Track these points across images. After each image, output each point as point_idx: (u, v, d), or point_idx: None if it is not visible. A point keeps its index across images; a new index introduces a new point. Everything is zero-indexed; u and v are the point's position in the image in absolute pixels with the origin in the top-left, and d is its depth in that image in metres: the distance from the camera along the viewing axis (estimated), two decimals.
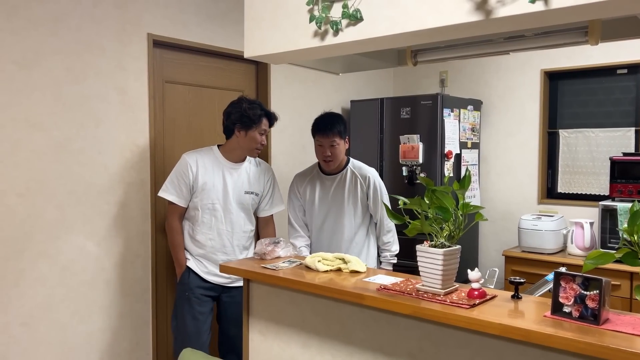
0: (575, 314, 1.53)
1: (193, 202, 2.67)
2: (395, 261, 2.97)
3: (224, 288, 2.77)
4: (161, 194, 2.68)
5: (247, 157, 2.80)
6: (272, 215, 2.94)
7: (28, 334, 2.52)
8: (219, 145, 2.77)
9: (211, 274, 2.71)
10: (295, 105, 3.86)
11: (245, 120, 2.65)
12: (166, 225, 2.75)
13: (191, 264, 2.70)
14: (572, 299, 1.54)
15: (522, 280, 1.77)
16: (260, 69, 3.63)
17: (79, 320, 2.70)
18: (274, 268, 2.23)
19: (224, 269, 2.39)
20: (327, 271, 2.18)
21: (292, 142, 3.85)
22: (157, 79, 3.03)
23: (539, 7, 1.50)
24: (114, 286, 2.83)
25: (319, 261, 2.22)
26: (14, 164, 2.45)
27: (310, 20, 1.95)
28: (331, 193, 2.86)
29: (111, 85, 2.78)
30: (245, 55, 2.28)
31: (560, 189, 3.99)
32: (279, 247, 2.38)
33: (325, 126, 2.75)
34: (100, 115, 2.74)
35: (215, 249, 2.71)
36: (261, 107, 2.72)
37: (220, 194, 2.68)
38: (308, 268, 2.23)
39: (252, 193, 2.79)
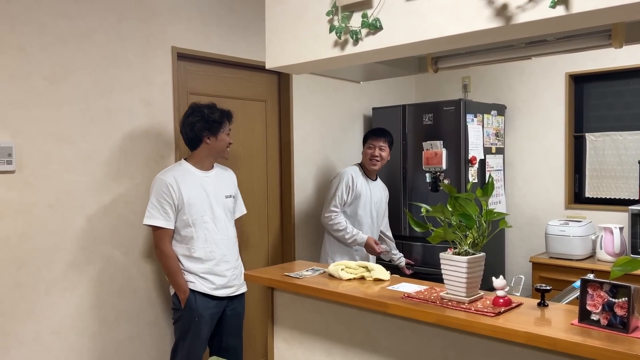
0: (604, 322, 1.51)
1: (183, 221, 2.56)
2: None
3: (228, 300, 2.71)
4: (147, 221, 2.53)
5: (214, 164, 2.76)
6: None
7: (59, 343, 2.57)
8: (185, 159, 2.71)
9: (219, 287, 2.64)
10: (317, 113, 3.88)
11: (212, 126, 2.62)
12: (158, 254, 2.60)
13: (196, 285, 2.59)
14: (600, 307, 1.51)
15: (548, 288, 1.74)
16: (282, 78, 3.67)
17: (108, 328, 2.75)
18: (297, 276, 2.24)
19: (248, 277, 2.42)
20: (350, 279, 2.18)
21: (314, 151, 3.86)
22: (181, 91, 3.09)
23: (559, 12, 1.49)
24: (141, 295, 2.88)
25: (342, 269, 2.22)
26: (44, 176, 2.52)
27: (330, 31, 1.97)
28: (377, 198, 3.45)
29: (137, 98, 2.84)
30: (267, 66, 2.31)
31: (588, 193, 3.92)
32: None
33: (379, 131, 3.45)
34: (126, 127, 2.80)
35: (218, 259, 2.64)
36: (218, 108, 2.68)
37: (206, 204, 2.62)
38: (331, 276, 2.23)
39: (230, 196, 2.77)
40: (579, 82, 3.96)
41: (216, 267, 2.64)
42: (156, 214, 2.53)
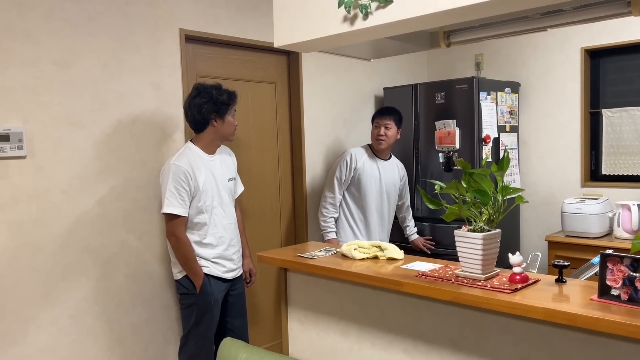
0: (624, 296, 1.47)
1: (197, 208, 2.56)
2: None
3: (232, 282, 2.74)
4: (167, 210, 2.49)
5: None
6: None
7: (76, 326, 2.60)
8: (191, 141, 2.68)
9: (229, 270, 2.69)
10: (328, 95, 3.84)
11: (220, 108, 2.59)
12: (173, 241, 2.55)
13: (210, 270, 2.61)
14: (621, 281, 1.48)
15: (566, 263, 1.71)
16: (291, 59, 3.63)
17: (124, 312, 2.77)
18: (310, 257, 2.23)
19: (261, 258, 2.41)
20: (363, 259, 2.17)
21: (325, 132, 3.83)
22: (190, 74, 3.06)
23: None
24: (155, 279, 2.89)
25: (355, 249, 2.20)
26: (57, 162, 2.52)
27: (339, 5, 1.93)
28: (388, 177, 3.43)
29: (146, 82, 2.83)
30: (275, 45, 2.28)
31: (605, 170, 3.85)
32: None
33: (384, 109, 3.42)
34: (136, 111, 2.79)
35: (227, 244, 2.68)
36: (224, 89, 2.64)
37: (215, 190, 2.63)
38: (344, 256, 2.22)
39: (232, 179, 2.78)
40: (595, 57, 3.87)
41: (226, 251, 2.68)
42: (175, 202, 2.50)
